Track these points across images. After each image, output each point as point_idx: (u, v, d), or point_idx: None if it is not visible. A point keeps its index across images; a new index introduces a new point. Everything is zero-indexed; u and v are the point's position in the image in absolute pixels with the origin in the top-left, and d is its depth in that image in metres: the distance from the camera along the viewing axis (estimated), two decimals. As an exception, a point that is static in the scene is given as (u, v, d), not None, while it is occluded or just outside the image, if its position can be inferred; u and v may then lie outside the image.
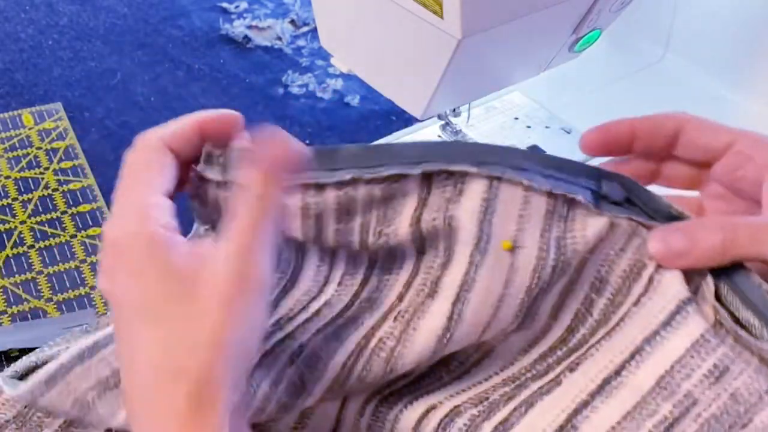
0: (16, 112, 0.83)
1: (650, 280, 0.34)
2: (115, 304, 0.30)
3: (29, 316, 0.60)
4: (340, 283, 0.37)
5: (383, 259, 0.36)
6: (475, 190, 0.33)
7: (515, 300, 0.33)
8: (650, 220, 0.33)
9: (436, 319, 0.34)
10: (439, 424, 0.37)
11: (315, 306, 0.37)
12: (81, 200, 0.72)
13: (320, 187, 0.33)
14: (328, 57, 0.69)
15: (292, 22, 1.00)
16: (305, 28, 0.99)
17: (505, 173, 0.32)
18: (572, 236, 0.34)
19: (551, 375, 0.36)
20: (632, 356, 0.33)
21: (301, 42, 0.97)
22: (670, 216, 0.34)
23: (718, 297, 0.33)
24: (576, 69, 0.66)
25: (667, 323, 0.33)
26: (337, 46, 0.60)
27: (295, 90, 0.89)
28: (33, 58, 0.92)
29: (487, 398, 0.37)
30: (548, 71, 0.60)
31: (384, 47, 0.54)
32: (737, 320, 0.32)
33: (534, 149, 0.64)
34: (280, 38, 0.97)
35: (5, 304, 0.61)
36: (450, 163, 0.32)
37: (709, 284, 0.33)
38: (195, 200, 0.34)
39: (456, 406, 0.37)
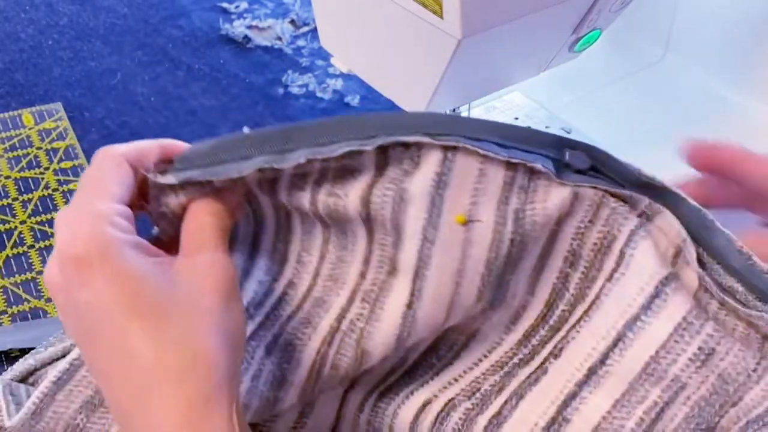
0: (16, 112, 0.83)
1: (621, 254, 0.33)
2: (96, 311, 0.29)
3: (29, 316, 0.60)
4: (298, 261, 0.37)
5: (336, 234, 0.36)
6: (431, 162, 0.32)
7: (475, 274, 0.33)
8: (618, 187, 0.33)
9: (400, 296, 0.33)
10: (436, 419, 0.37)
11: (279, 288, 0.37)
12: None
13: (276, 171, 0.32)
14: (328, 57, 0.69)
15: (292, 22, 1.00)
16: (305, 28, 0.99)
17: (460, 142, 0.31)
18: (532, 208, 0.33)
19: (537, 361, 0.36)
20: (615, 344, 0.33)
21: (301, 42, 0.97)
22: (639, 183, 0.33)
23: (700, 264, 0.32)
24: (576, 69, 0.66)
25: (647, 307, 0.33)
26: (337, 46, 0.60)
27: (295, 90, 0.89)
28: (33, 58, 0.92)
29: (479, 389, 0.36)
30: (548, 71, 0.60)
31: (384, 47, 0.54)
32: (720, 286, 0.31)
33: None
34: (280, 38, 0.97)
35: (5, 304, 0.61)
36: (404, 135, 0.31)
37: (690, 250, 0.32)
38: (156, 216, 0.34)
39: (450, 400, 0.37)
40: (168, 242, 0.34)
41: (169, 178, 0.32)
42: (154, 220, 0.34)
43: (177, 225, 0.33)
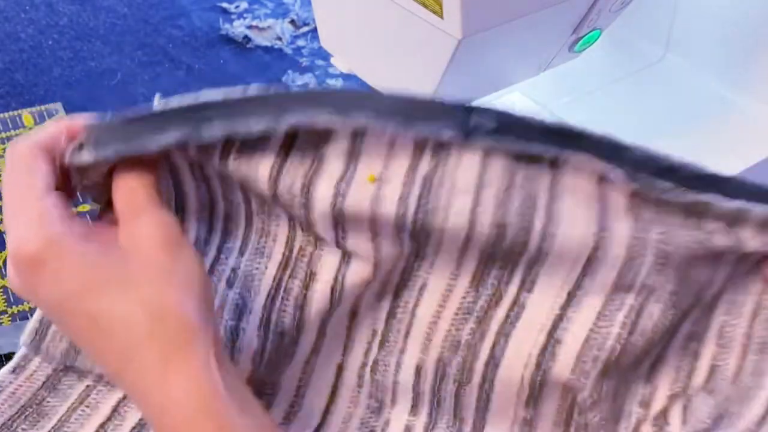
0: (16, 112, 0.83)
1: (548, 208, 0.36)
2: (63, 301, 0.31)
3: (29, 316, 0.60)
4: (224, 198, 0.38)
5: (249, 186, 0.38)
6: (343, 137, 0.34)
7: (388, 224, 0.35)
8: (526, 143, 0.35)
9: (329, 236, 0.36)
10: (435, 379, 0.40)
11: (218, 224, 0.39)
12: (81, 200, 0.71)
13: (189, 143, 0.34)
14: (328, 57, 0.69)
15: (292, 22, 1.00)
16: (305, 28, 0.99)
17: (369, 124, 0.33)
18: (440, 176, 0.35)
19: (508, 299, 0.38)
20: (584, 271, 0.36)
21: (301, 42, 0.97)
22: (546, 131, 0.35)
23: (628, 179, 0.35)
24: (576, 69, 0.66)
25: (597, 247, 0.36)
26: (337, 46, 0.60)
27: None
28: (33, 58, 0.92)
29: (459, 341, 0.39)
30: (548, 71, 0.60)
31: (384, 47, 0.54)
32: (652, 188, 0.35)
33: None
34: (280, 38, 0.97)
35: (5, 304, 0.61)
36: (316, 112, 0.33)
37: (611, 172, 0.35)
38: (84, 191, 0.35)
39: (439, 359, 0.39)
40: (109, 210, 0.35)
41: (86, 156, 0.33)
42: (82, 193, 0.35)
43: (107, 191, 0.35)
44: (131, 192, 0.33)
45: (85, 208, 0.73)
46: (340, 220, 0.35)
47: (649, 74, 0.72)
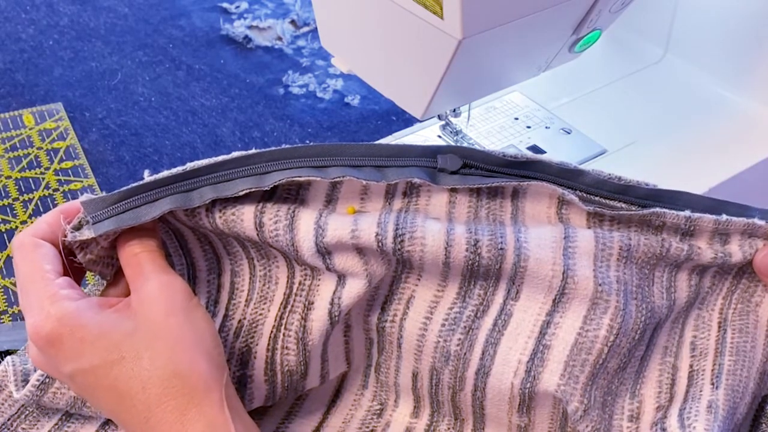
0: (16, 113, 0.83)
1: (514, 203, 0.39)
2: (84, 375, 0.33)
3: (30, 315, 0.61)
4: (228, 253, 0.41)
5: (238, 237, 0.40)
6: (322, 187, 0.38)
7: (370, 249, 0.37)
8: (489, 177, 0.38)
9: (317, 263, 0.38)
10: (431, 385, 0.42)
11: (226, 282, 0.41)
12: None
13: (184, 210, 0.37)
14: (328, 57, 0.69)
15: (293, 22, 1.00)
16: (306, 29, 0.99)
17: (346, 175, 0.37)
18: (413, 210, 0.39)
19: (495, 308, 0.40)
20: (564, 276, 0.38)
21: (301, 42, 0.97)
22: (507, 163, 0.39)
23: (584, 201, 0.39)
24: (576, 69, 0.66)
25: (567, 245, 0.38)
26: (337, 46, 0.60)
27: (295, 90, 0.89)
28: (34, 59, 0.92)
29: (449, 351, 0.40)
30: (548, 71, 0.60)
31: (384, 47, 0.54)
32: (606, 207, 0.39)
33: (533, 149, 0.64)
34: (280, 38, 0.97)
35: (5, 304, 0.61)
36: (294, 174, 0.36)
37: (568, 195, 0.38)
38: (90, 266, 0.38)
39: (431, 367, 0.41)
40: (117, 282, 0.38)
41: (86, 233, 0.36)
42: (87, 268, 0.38)
43: (109, 263, 0.38)
44: (136, 261, 0.36)
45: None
46: (324, 251, 0.37)
47: (649, 74, 0.72)
